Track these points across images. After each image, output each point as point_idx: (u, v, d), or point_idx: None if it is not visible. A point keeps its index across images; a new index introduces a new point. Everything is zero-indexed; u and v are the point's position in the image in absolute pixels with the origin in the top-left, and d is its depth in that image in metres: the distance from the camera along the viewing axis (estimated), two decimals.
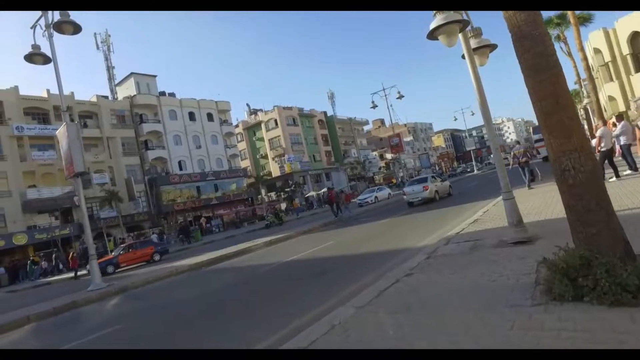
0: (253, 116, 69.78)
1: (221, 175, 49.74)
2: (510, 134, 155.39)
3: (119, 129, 42.88)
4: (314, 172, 64.93)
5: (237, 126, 69.65)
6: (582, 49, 24.93)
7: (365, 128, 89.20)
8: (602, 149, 10.27)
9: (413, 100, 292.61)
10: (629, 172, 10.34)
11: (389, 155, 74.42)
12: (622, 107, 31.71)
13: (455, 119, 60.59)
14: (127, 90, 47.75)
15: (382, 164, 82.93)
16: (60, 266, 28.95)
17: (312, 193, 58.22)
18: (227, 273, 10.99)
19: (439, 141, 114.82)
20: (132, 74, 47.90)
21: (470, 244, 6.26)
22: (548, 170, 19.27)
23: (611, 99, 34.02)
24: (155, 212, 43.04)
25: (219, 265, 13.01)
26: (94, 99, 41.64)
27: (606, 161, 10.43)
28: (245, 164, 67.79)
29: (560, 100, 3.43)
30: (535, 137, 33.40)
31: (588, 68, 25.68)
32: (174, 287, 10.55)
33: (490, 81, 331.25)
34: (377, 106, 32.65)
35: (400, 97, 31.74)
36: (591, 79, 26.54)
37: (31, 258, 31.23)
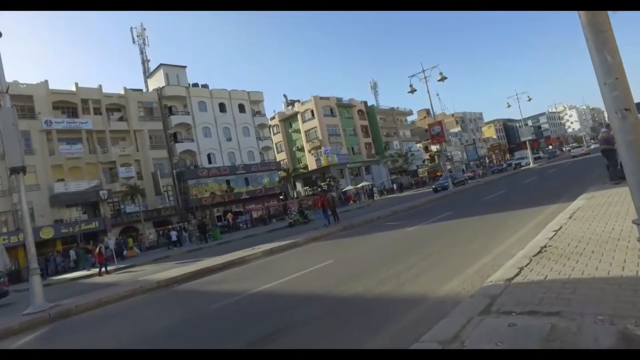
0: (290, 107, 67.30)
1: (252, 168, 47.62)
2: (572, 123, 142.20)
3: (146, 121, 41.80)
4: (353, 165, 61.42)
5: (273, 118, 67.62)
6: None
7: (410, 119, 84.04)
8: None
9: (462, 89, 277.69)
10: None
11: (434, 147, 69.02)
12: None
13: (509, 106, 54.25)
14: (157, 82, 46.78)
15: (427, 156, 77.71)
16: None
17: (350, 187, 54.88)
18: (180, 302, 8.13)
19: (489, 132, 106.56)
20: (161, 65, 46.80)
21: (543, 330, 2.78)
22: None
23: None
24: (183, 206, 41.71)
25: (189, 284, 10.20)
26: (122, 92, 40.74)
27: None
28: (281, 156, 65.66)
29: None
30: None
31: None
32: (113, 319, 7.85)
33: (550, 67, 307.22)
34: (415, 90, 28.57)
35: (443, 78, 27.41)
36: None
37: (83, 247, 30.25)
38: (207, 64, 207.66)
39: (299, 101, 64.86)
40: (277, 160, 63.29)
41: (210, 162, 45.67)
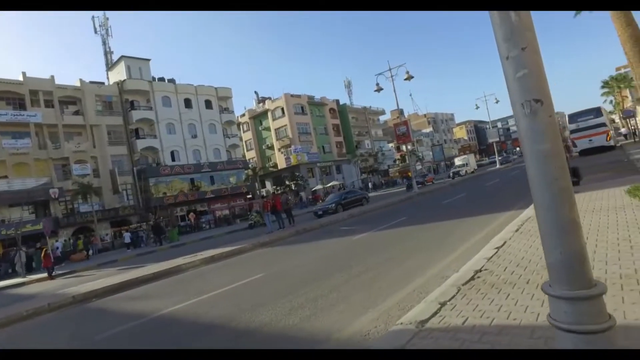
0: (261, 104, 65.77)
1: (218, 166, 45.90)
2: None
3: (105, 116, 39.51)
4: (323, 164, 60.58)
5: (243, 115, 66.09)
6: None
7: (382, 118, 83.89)
8: None
9: (436, 91, 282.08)
10: None
11: (406, 147, 68.76)
12: None
13: (477, 107, 54.35)
14: (118, 75, 44.43)
15: (398, 156, 77.84)
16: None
17: (319, 186, 54.08)
18: (77, 326, 6.94)
19: (461, 133, 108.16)
20: (122, 57, 44.43)
21: None
22: (586, 166, 14.43)
23: None
24: (144, 206, 39.73)
25: (107, 300, 8.99)
26: (78, 84, 38.32)
27: None
28: (251, 154, 64.19)
29: None
30: (572, 126, 28.02)
31: None
32: None
33: None
34: (382, 89, 27.90)
35: (409, 77, 26.83)
36: None
37: (39, 247, 27.77)
38: (178, 60, 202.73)
39: (270, 98, 63.49)
40: (247, 158, 61.81)
41: (173, 160, 43.74)
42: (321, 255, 9.15)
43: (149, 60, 46.63)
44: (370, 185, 61.37)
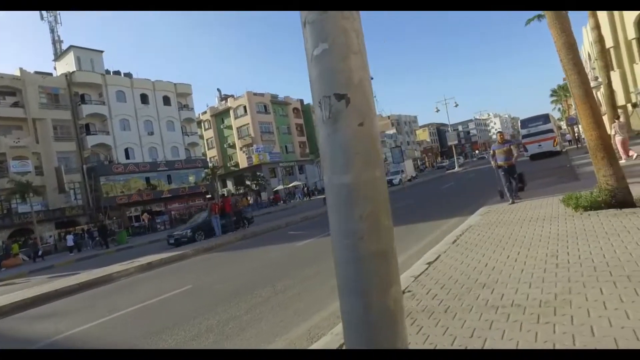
0: (223, 102, 64.11)
1: (175, 165, 44.16)
2: (496, 130, 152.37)
3: (50, 109, 36.92)
4: (286, 164, 59.84)
5: (204, 113, 64.32)
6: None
7: None
8: None
9: (400, 94, 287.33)
10: None
11: None
12: (622, 100, 27.36)
13: (438, 110, 55.39)
14: (66, 66, 41.61)
15: None
16: None
17: (280, 187, 53.32)
18: None
19: (424, 135, 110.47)
20: (71, 47, 41.72)
21: None
22: (535, 170, 14.67)
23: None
24: (94, 206, 37.49)
25: (11, 318, 7.99)
26: (18, 73, 35.54)
27: None
28: (212, 153, 62.56)
29: None
30: (523, 132, 29.09)
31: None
32: None
33: (476, 77, 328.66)
34: None
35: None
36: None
37: None
38: (136, 54, 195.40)
39: (233, 96, 62.03)
40: (208, 157, 60.13)
41: (128, 158, 41.56)
42: (257, 265, 8.58)
43: (101, 52, 44.06)
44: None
